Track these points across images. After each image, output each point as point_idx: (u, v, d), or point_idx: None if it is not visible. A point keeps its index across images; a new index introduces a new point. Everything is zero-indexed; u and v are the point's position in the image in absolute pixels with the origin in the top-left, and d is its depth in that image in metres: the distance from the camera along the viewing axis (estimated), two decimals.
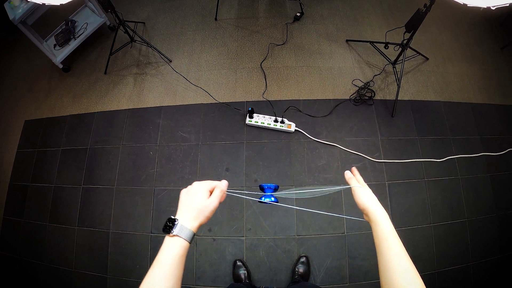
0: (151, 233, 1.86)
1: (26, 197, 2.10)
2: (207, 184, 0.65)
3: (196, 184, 0.65)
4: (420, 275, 0.56)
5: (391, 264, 0.56)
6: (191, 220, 0.60)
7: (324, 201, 1.86)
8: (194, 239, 1.79)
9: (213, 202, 0.63)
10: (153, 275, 0.53)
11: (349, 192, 0.73)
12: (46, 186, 2.09)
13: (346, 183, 0.74)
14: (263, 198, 0.71)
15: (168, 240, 0.57)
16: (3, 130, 2.38)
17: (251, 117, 2.04)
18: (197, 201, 0.62)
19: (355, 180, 0.73)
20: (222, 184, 0.67)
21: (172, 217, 0.60)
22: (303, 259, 1.73)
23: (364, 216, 0.67)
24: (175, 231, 0.57)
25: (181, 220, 0.59)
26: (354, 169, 0.79)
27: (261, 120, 2.04)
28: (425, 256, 1.77)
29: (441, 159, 1.99)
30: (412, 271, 0.54)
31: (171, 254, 0.55)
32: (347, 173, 0.76)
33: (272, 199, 0.70)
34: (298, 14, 2.51)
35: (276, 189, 0.71)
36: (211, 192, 0.65)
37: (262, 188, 0.72)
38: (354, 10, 2.60)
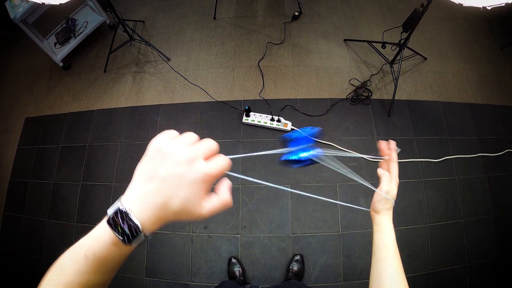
0: None
1: (26, 193, 2.12)
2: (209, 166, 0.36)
3: (189, 150, 0.35)
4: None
5: (385, 274, 0.57)
6: (156, 222, 0.35)
7: (322, 194, 1.86)
8: (190, 236, 1.82)
9: (213, 209, 0.36)
10: (67, 264, 0.37)
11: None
12: (46, 183, 2.12)
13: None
14: (292, 156, 0.43)
15: (112, 238, 0.35)
16: (4, 127, 2.41)
17: (247, 115, 2.05)
18: (188, 193, 0.34)
19: (386, 179, 0.62)
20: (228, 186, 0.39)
21: (132, 217, 0.34)
22: (297, 257, 1.74)
23: (371, 211, 0.65)
24: (134, 243, 0.35)
25: (142, 224, 0.34)
26: (391, 146, 0.63)
27: (257, 118, 2.05)
28: (420, 256, 1.77)
29: (438, 159, 1.99)
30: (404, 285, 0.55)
31: (109, 255, 0.36)
32: (380, 170, 0.64)
33: (312, 152, 0.42)
34: (296, 14, 2.51)
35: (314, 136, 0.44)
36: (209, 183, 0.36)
37: (287, 140, 0.45)
38: (352, 10, 2.60)
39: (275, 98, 2.18)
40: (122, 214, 0.34)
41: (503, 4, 1.34)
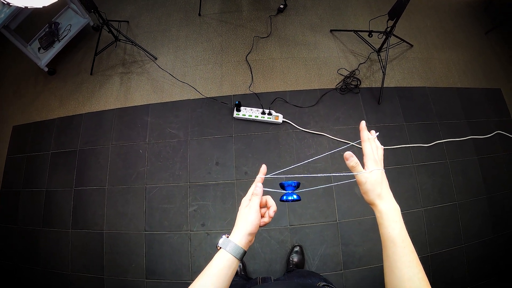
0: (145, 231, 1.86)
1: (19, 203, 2.08)
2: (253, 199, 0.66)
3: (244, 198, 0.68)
4: None
5: (399, 272, 0.52)
6: (238, 234, 0.60)
7: (317, 183, 1.86)
8: (188, 235, 1.81)
9: (252, 212, 0.63)
10: (197, 285, 0.56)
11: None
12: (38, 191, 2.08)
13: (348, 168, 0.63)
14: (284, 197, 0.66)
15: (217, 252, 0.60)
16: None
17: (238, 110, 2.04)
18: (244, 214, 0.63)
19: (359, 168, 0.61)
20: (258, 189, 0.67)
21: (224, 235, 0.62)
22: (297, 249, 1.74)
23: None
24: (219, 243, 0.60)
25: (231, 235, 0.61)
26: (364, 131, 0.67)
27: (248, 113, 2.04)
28: (417, 240, 1.79)
29: (429, 144, 2.01)
30: (424, 283, 0.50)
31: (215, 265, 0.57)
32: (349, 160, 0.61)
33: (295, 197, 0.66)
34: (282, 6, 2.51)
35: (297, 186, 0.67)
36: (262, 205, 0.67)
37: (282, 186, 0.68)
38: (338, 0, 2.60)
39: (265, 91, 2.18)
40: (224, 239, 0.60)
41: None
